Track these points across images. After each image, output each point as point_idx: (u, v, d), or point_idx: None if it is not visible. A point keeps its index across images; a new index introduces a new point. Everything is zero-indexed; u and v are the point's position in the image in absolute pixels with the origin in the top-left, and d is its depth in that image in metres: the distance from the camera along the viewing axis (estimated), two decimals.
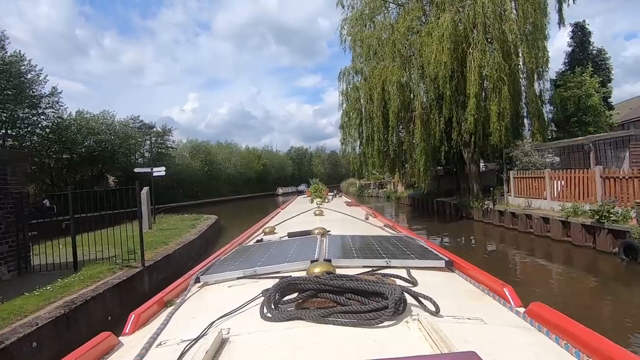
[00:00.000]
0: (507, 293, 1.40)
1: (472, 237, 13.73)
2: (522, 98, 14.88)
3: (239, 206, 39.41)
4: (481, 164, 19.27)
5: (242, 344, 1.04)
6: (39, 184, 31.18)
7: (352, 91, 17.15)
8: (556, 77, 18.24)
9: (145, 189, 12.68)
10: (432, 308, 1.18)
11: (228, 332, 1.11)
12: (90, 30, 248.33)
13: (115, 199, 7.84)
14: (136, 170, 15.35)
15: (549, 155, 14.00)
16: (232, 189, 53.59)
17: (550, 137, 16.27)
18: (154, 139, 41.25)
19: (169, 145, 43.35)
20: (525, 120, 15.32)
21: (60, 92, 29.33)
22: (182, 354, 0.99)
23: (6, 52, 25.34)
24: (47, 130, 28.99)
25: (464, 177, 18.55)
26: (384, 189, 38.69)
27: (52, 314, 4.60)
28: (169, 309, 1.53)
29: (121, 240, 7.35)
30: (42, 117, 29.09)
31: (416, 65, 14.02)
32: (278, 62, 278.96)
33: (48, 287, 5.60)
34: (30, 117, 27.55)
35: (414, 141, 15.94)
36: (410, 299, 1.20)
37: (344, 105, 17.52)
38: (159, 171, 15.34)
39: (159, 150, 41.58)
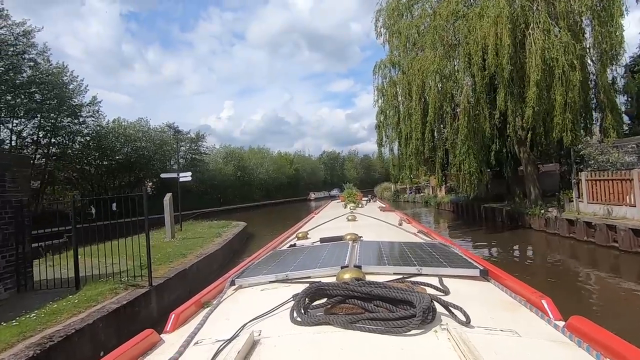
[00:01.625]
0: (545, 305, 1.32)
1: (531, 250, 11.71)
2: (591, 86, 12.65)
3: (270, 212, 38.76)
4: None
5: (272, 346, 1.07)
6: (81, 190, 32.39)
7: (389, 86, 15.59)
8: (631, 61, 15.62)
9: (169, 195, 11.99)
10: (463, 318, 1.14)
11: (259, 334, 1.14)
12: (136, 45, 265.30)
13: (126, 206, 6.96)
14: (162, 175, 14.85)
15: (624, 153, 11.69)
16: (264, 194, 53.47)
17: (627, 131, 13.80)
18: (188, 145, 41.96)
19: (203, 152, 43.81)
20: (595, 113, 13.03)
21: (100, 102, 30.26)
22: (217, 353, 1.03)
23: (51, 64, 26.40)
24: (88, 138, 29.93)
25: (518, 180, 16.38)
26: (422, 194, 36.47)
27: (18, 357, 3.64)
28: (206, 310, 1.58)
29: (133, 252, 6.46)
30: (83, 125, 30.07)
31: (462, 54, 12.30)
32: (310, 68, 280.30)
33: (32, 315, 4.73)
34: (72, 125, 28.54)
35: (457, 140, 14.14)
36: (440, 308, 1.17)
37: (380, 102, 15.99)
38: (185, 176, 14.73)
39: (193, 156, 42.14)
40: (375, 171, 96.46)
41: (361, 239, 2.74)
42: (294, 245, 3.02)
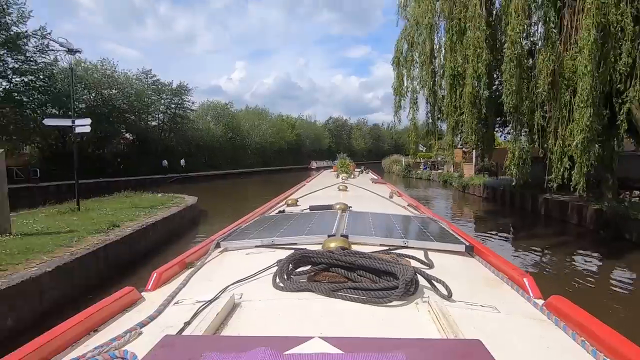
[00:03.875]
0: (526, 283, 1.35)
1: None
2: None
3: (266, 181, 32.99)
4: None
5: (252, 310, 1.08)
6: (33, 146, 27.09)
7: None
8: None
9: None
10: (444, 292, 1.16)
11: (240, 297, 1.14)
12: None
13: None
14: (46, 122, 9.26)
15: None
16: (259, 160, 47.97)
17: None
18: (169, 98, 36.05)
19: (188, 107, 37.85)
20: None
21: (49, 32, 23.91)
22: (196, 314, 1.04)
23: None
24: (33, 78, 24.07)
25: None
26: (439, 170, 30.49)
27: None
28: (189, 271, 1.57)
29: None
30: (31, 63, 24.15)
31: None
32: (327, 30, 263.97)
33: None
34: (10, 61, 22.66)
35: (562, 85, 7.85)
36: (422, 281, 1.19)
37: (407, 9, 9.52)
38: (83, 125, 9.14)
39: (175, 111, 36.33)
40: (385, 142, 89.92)
41: (350, 209, 2.75)
42: (283, 211, 3.05)
